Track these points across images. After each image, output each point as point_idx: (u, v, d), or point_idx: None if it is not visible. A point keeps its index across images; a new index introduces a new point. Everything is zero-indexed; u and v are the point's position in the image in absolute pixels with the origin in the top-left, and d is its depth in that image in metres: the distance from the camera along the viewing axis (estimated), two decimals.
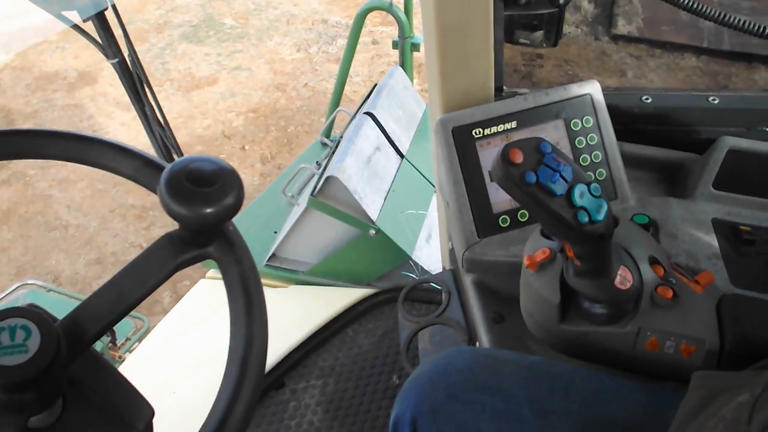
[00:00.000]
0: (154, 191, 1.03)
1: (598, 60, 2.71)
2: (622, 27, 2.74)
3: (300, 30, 7.00)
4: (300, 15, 7.24)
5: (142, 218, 4.95)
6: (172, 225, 1.04)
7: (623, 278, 1.14)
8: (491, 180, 1.47)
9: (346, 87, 4.07)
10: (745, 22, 1.42)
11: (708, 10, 1.43)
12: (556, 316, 1.23)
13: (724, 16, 1.43)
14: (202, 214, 0.92)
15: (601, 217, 1.05)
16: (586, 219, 1.04)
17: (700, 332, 1.15)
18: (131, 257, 1.00)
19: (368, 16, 3.71)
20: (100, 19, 1.81)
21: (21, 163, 5.41)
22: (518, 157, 1.03)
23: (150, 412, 1.00)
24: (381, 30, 6.62)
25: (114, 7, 1.77)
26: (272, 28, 7.04)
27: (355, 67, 6.16)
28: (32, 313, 0.88)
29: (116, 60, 1.82)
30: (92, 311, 0.96)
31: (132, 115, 5.66)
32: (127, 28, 5.65)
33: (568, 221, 1.04)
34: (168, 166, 0.94)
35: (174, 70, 6.49)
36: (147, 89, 1.87)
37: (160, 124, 1.88)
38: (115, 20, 1.98)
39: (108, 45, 1.80)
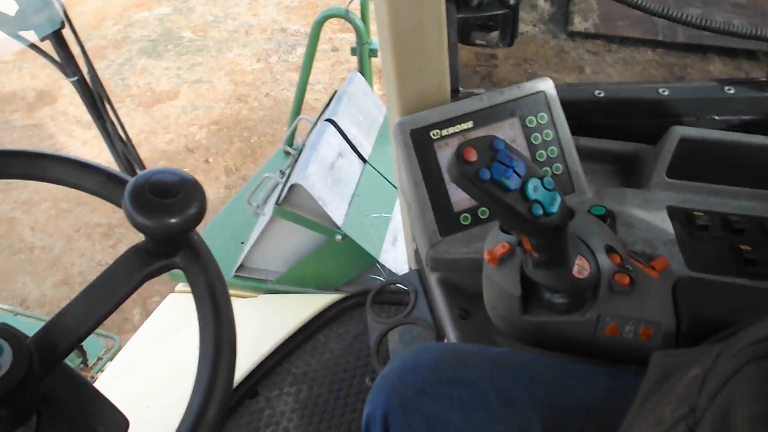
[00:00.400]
0: (118, 205, 1.05)
1: (556, 57, 2.74)
2: (579, 24, 2.77)
3: (259, 40, 6.99)
4: (259, 25, 7.23)
5: (108, 236, 4.92)
6: (138, 241, 1.06)
7: (580, 267, 1.17)
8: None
9: (308, 95, 4.07)
10: (688, 16, 1.46)
11: (652, 6, 1.47)
12: (518, 307, 1.26)
13: (668, 11, 1.46)
14: (166, 224, 0.94)
15: (555, 209, 1.08)
16: (541, 212, 1.07)
17: (657, 315, 1.19)
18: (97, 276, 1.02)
19: (327, 23, 3.73)
20: (57, 37, 1.82)
21: None
22: (472, 156, 1.05)
23: (125, 424, 1.02)
24: (341, 37, 6.62)
25: (71, 24, 1.77)
26: (231, 40, 7.02)
27: (316, 75, 6.17)
28: (3, 330, 0.90)
29: (75, 78, 1.82)
30: (63, 327, 0.98)
31: (94, 133, 5.61)
32: (85, 45, 5.62)
33: (523, 215, 1.07)
34: (131, 180, 0.97)
35: (134, 85, 6.45)
36: (107, 105, 1.87)
37: (122, 140, 1.89)
38: (73, 38, 2.00)
39: (66, 63, 1.81)
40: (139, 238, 1.05)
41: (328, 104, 3.45)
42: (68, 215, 5.15)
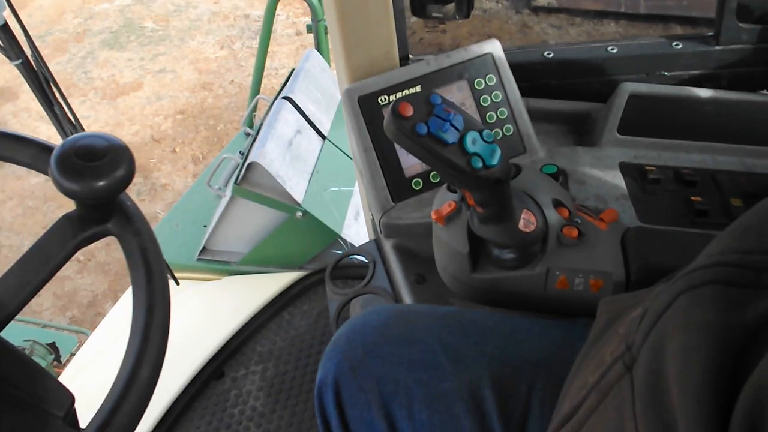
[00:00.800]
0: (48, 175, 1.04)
1: (520, 32, 2.74)
2: None
3: (222, 27, 6.96)
4: (221, 12, 7.20)
5: None
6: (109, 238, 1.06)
7: (527, 221, 1.17)
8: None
9: (273, 80, 4.06)
10: None
11: None
12: (468, 265, 1.25)
13: None
14: (93, 187, 0.93)
15: (495, 161, 1.07)
16: (480, 164, 1.06)
17: (606, 266, 1.18)
18: (69, 272, 1.01)
19: (290, 7, 3.72)
20: (2, 26, 1.80)
21: None
22: (408, 111, 1.04)
23: (70, 399, 1.00)
24: (304, 21, 6.57)
25: (11, 5, 1.75)
26: (194, 28, 6.99)
27: (281, 60, 6.16)
28: None
29: (19, 61, 1.80)
30: None
31: None
32: (46, 38, 5.57)
33: (462, 168, 1.05)
34: (58, 146, 0.95)
35: (97, 78, 6.41)
36: (55, 89, 1.85)
37: (71, 122, 1.87)
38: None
39: (9, 46, 1.78)
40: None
41: (285, 83, 3.43)
42: (35, 212, 5.12)
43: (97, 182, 0.93)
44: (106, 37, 7.01)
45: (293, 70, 3.49)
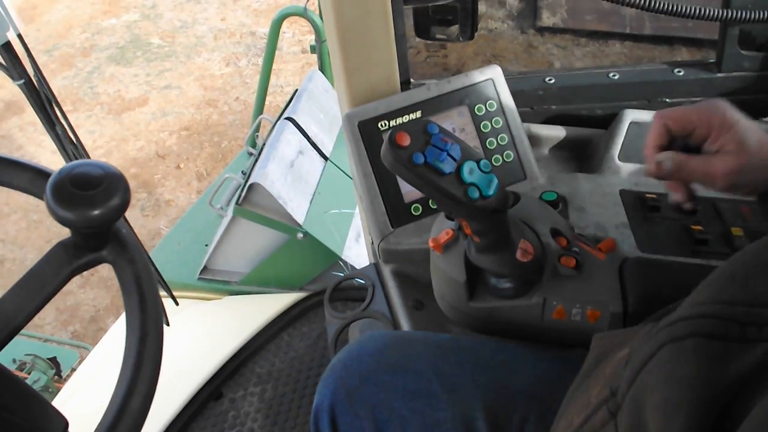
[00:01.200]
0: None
1: (525, 53, 2.74)
2: (547, 19, 2.78)
3: (228, 44, 6.97)
4: (227, 29, 7.21)
5: None
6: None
7: (524, 251, 1.16)
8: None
9: (278, 98, 4.05)
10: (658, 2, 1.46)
11: None
12: (465, 294, 1.25)
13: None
14: (88, 216, 0.93)
15: (491, 191, 1.06)
16: (477, 195, 1.06)
17: (603, 296, 1.18)
18: (71, 287, 1.01)
19: (296, 25, 3.74)
20: (4, 44, 1.80)
21: None
22: (405, 140, 1.04)
23: (63, 424, 1.01)
24: (309, 38, 6.57)
25: (15, 28, 1.76)
26: (200, 45, 7.00)
27: (286, 77, 6.17)
28: None
29: (22, 81, 1.81)
30: None
31: None
32: (53, 53, 5.59)
33: (458, 198, 1.05)
34: (53, 174, 0.95)
35: (103, 93, 6.42)
36: (56, 108, 1.86)
37: (73, 142, 1.87)
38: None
39: (12, 66, 1.79)
40: None
41: (288, 103, 3.45)
42: (39, 226, 5.12)
43: (91, 211, 0.93)
44: (112, 52, 7.03)
45: (296, 90, 3.51)
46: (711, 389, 0.60)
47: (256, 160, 3.02)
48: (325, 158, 3.25)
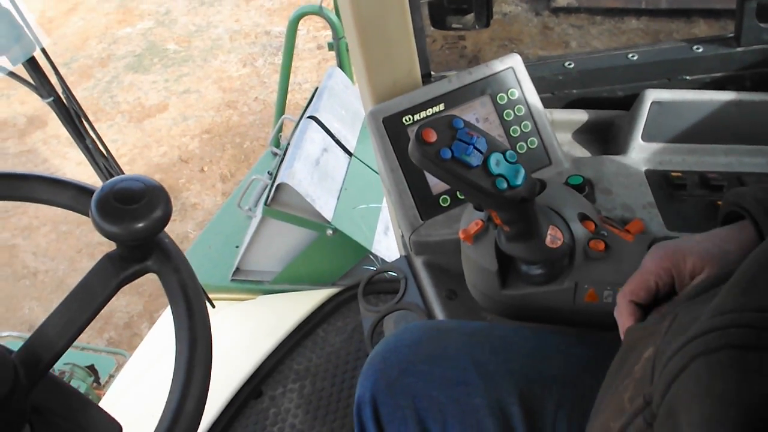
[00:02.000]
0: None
1: (541, 35, 2.75)
2: None
3: (244, 45, 6.98)
4: (242, 30, 7.22)
5: None
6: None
7: (553, 237, 1.18)
8: None
9: (297, 95, 4.07)
10: None
11: None
12: (497, 282, 1.27)
13: None
14: (133, 229, 0.96)
15: (519, 181, 1.08)
16: (505, 185, 1.08)
17: None
18: None
19: (310, 22, 3.75)
20: (30, 60, 1.83)
21: None
22: (432, 136, 1.06)
23: (117, 428, 1.04)
24: (325, 34, 6.55)
25: (42, 49, 1.79)
26: (216, 47, 7.01)
27: (304, 74, 6.18)
28: None
29: (51, 98, 1.84)
30: (45, 338, 1.00)
31: None
32: (71, 65, 5.61)
33: (487, 189, 1.08)
34: (96, 190, 0.98)
35: (123, 101, 6.45)
36: (86, 123, 1.89)
37: (104, 155, 1.90)
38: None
39: (41, 84, 1.82)
40: None
41: (310, 101, 3.47)
42: (69, 237, 5.15)
43: (136, 224, 0.96)
44: (130, 60, 7.05)
45: (317, 88, 3.54)
46: (752, 402, 0.60)
47: (282, 160, 3.05)
48: (350, 154, 3.27)
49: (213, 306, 2.83)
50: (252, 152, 5.61)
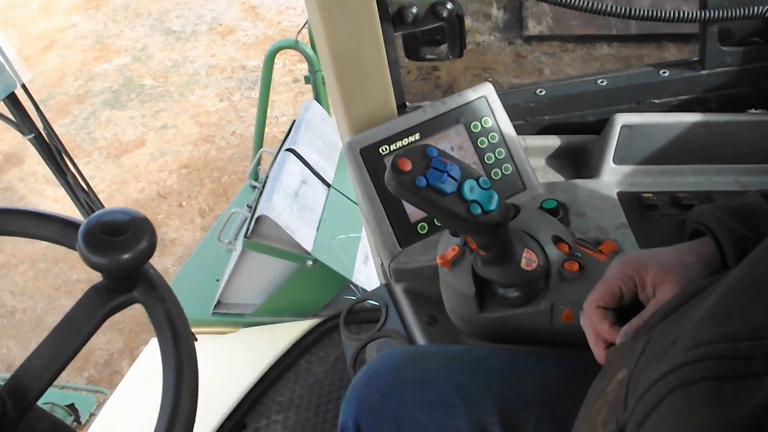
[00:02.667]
0: (75, 250, 1.10)
1: (514, 63, 2.77)
2: (533, 28, 2.79)
3: (220, 80, 7.00)
4: (218, 65, 7.24)
5: None
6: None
7: (528, 260, 1.21)
8: None
9: (274, 128, 4.08)
10: (611, 6, 1.50)
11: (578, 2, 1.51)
12: (475, 306, 1.30)
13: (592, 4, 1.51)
14: (119, 260, 0.99)
15: (493, 206, 1.12)
16: (479, 210, 1.11)
17: None
18: None
19: (286, 55, 3.79)
20: (10, 98, 1.85)
21: None
22: (407, 165, 1.10)
23: None
24: (301, 68, 6.59)
25: (24, 86, 1.81)
26: (192, 82, 7.03)
27: (280, 107, 6.20)
28: None
29: (32, 135, 1.86)
30: (32, 370, 1.02)
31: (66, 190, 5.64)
32: (48, 102, 5.61)
33: (462, 215, 1.11)
34: (83, 222, 1.01)
35: (100, 138, 6.45)
36: (66, 159, 1.91)
37: (84, 190, 1.92)
38: (26, 96, 2.03)
39: (22, 122, 1.84)
40: None
41: (287, 135, 3.50)
42: (47, 275, 5.14)
43: (122, 255, 0.99)
44: (107, 97, 7.05)
45: (294, 121, 3.57)
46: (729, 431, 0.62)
47: (261, 193, 3.08)
48: (328, 185, 3.30)
49: (195, 339, 2.84)
50: (230, 186, 5.62)
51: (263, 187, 3.15)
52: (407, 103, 1.78)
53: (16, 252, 5.34)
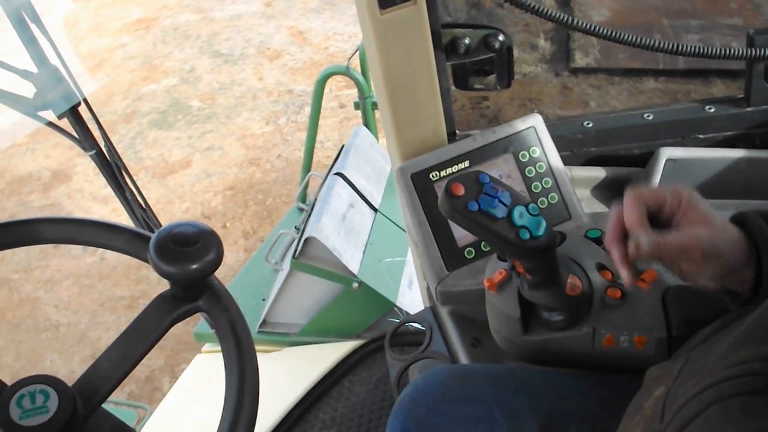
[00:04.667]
0: (143, 260, 1.17)
1: (560, 95, 2.78)
2: (580, 60, 2.81)
3: (267, 103, 7.05)
4: (265, 88, 7.29)
5: (132, 308, 4.93)
6: None
7: (573, 285, 1.26)
8: None
9: (319, 153, 4.12)
10: (659, 42, 1.54)
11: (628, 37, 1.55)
12: (520, 328, 1.35)
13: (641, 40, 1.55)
14: (188, 270, 1.06)
15: (541, 232, 1.17)
16: (528, 236, 1.16)
17: (649, 323, 1.27)
18: None
19: (333, 81, 3.81)
20: (74, 114, 1.91)
21: (4, 268, 5.41)
22: (460, 190, 1.15)
23: None
24: (347, 93, 6.65)
25: (85, 100, 1.87)
26: (239, 105, 7.08)
27: (326, 133, 6.21)
28: (48, 378, 1.01)
29: (93, 151, 1.91)
30: (102, 371, 1.08)
31: (111, 208, 5.67)
32: None
33: (511, 240, 1.16)
34: (155, 233, 1.07)
35: (147, 157, 6.52)
36: (126, 175, 1.97)
37: (142, 207, 1.98)
38: (88, 114, 2.08)
39: (84, 138, 1.90)
40: None
41: (336, 159, 3.55)
42: (91, 290, 5.19)
43: (191, 265, 1.06)
44: (154, 117, 7.13)
45: (343, 146, 3.63)
46: None
47: (309, 215, 3.12)
48: (375, 210, 3.34)
49: None
50: (275, 209, 5.67)
51: (311, 209, 3.20)
52: (457, 132, 1.82)
53: (61, 267, 5.39)
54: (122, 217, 2.74)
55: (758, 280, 1.06)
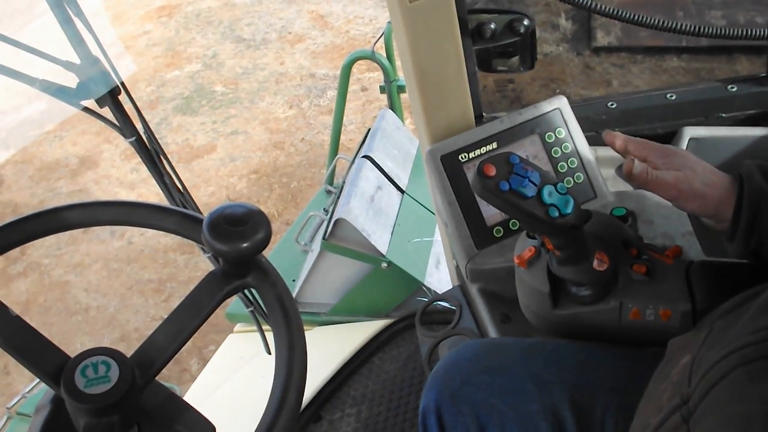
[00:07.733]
0: (193, 239, 1.24)
1: (582, 74, 2.79)
2: (602, 39, 2.82)
3: (289, 87, 7.10)
4: (288, 73, 7.34)
5: (160, 291, 5.01)
6: (187, 293, 1.22)
7: (600, 261, 1.31)
8: None
9: (343, 136, 4.13)
10: (679, 24, 1.57)
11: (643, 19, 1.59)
12: (549, 303, 1.40)
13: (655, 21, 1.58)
14: (240, 248, 1.12)
15: (569, 210, 1.22)
16: (557, 213, 1.21)
17: (674, 297, 1.32)
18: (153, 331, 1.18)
19: (355, 65, 3.83)
20: (115, 103, 1.93)
21: (35, 253, 5.48)
22: (491, 171, 1.21)
23: (212, 429, 1.19)
24: (368, 77, 6.70)
25: (124, 86, 1.90)
26: (262, 89, 7.13)
27: (348, 116, 6.21)
28: (108, 350, 1.08)
29: (134, 138, 1.95)
30: (157, 343, 1.15)
31: (137, 192, 5.76)
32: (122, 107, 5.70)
33: (541, 217, 1.21)
34: (208, 214, 1.14)
35: (172, 143, 6.58)
36: (165, 160, 2.01)
37: (179, 191, 2.02)
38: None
39: (124, 125, 1.94)
40: (187, 290, 1.22)
41: (363, 142, 3.59)
42: (120, 274, 5.27)
43: (242, 243, 1.12)
44: (178, 103, 7.19)
45: (369, 129, 3.67)
46: None
47: (338, 197, 3.18)
48: (402, 192, 3.39)
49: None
50: (299, 192, 5.72)
51: (340, 191, 3.25)
52: (484, 114, 1.87)
53: (90, 252, 5.47)
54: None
55: (737, 213, 1.19)
